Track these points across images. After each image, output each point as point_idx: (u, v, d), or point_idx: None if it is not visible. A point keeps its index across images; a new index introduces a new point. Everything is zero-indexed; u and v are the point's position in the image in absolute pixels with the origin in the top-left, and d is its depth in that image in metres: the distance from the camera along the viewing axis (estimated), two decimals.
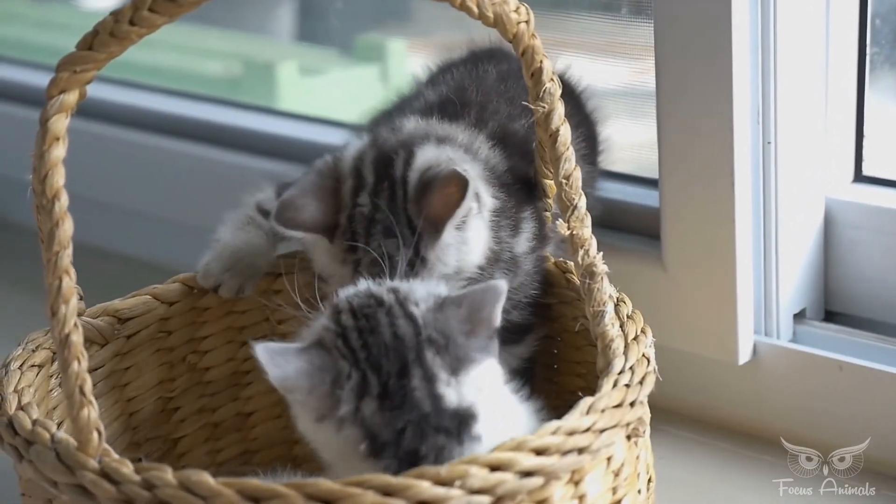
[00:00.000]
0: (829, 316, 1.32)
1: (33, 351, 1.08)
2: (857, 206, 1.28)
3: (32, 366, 1.06)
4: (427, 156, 1.08)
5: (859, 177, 1.31)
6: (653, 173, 1.30)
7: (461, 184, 1.03)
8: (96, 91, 1.75)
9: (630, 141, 1.42)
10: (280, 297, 1.25)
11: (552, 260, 1.17)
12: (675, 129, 1.24)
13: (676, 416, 1.32)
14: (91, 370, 1.12)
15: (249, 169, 1.67)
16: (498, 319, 0.95)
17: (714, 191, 1.22)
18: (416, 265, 1.05)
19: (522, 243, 1.13)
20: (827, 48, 1.25)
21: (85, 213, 1.14)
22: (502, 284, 0.94)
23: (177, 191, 1.75)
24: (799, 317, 1.30)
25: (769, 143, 1.23)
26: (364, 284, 0.98)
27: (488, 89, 1.18)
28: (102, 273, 1.38)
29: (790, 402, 1.26)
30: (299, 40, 2.15)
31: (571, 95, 1.28)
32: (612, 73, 1.42)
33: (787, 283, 1.28)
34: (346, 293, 0.97)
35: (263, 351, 0.91)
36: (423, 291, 0.97)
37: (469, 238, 1.07)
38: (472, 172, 1.06)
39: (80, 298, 1.12)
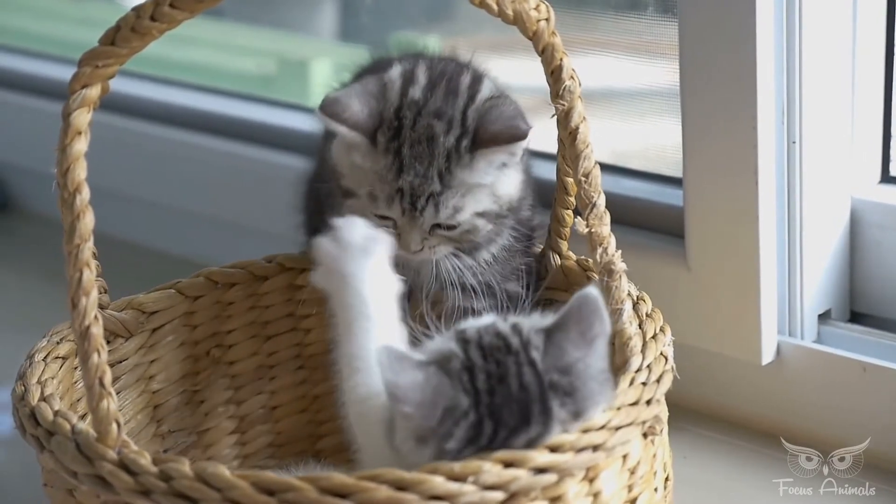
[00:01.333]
0: (855, 317, 1.31)
1: (58, 343, 1.09)
2: (884, 207, 1.27)
3: (56, 357, 1.07)
4: (493, 86, 1.10)
5: (886, 177, 1.30)
6: (677, 172, 1.29)
7: (521, 132, 1.04)
8: (130, 87, 1.79)
9: (655, 141, 1.42)
10: (305, 292, 1.26)
11: (574, 258, 1.17)
12: (700, 128, 1.24)
13: (699, 416, 1.32)
14: (116, 363, 1.15)
15: (280, 166, 1.67)
16: (609, 328, 0.91)
17: (738, 190, 1.22)
18: (453, 159, 1.05)
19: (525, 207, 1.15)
20: (854, 46, 1.24)
21: (114, 208, 1.16)
22: (593, 291, 0.90)
23: (207, 186, 1.76)
24: (824, 317, 1.29)
25: (794, 142, 1.23)
26: (489, 319, 0.94)
27: None
28: (129, 267, 1.39)
29: (813, 402, 1.26)
30: (335, 38, 2.15)
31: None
32: (637, 71, 1.41)
33: (812, 284, 1.27)
34: (474, 325, 0.93)
35: (384, 352, 0.87)
36: (533, 330, 0.92)
37: (508, 172, 1.08)
38: None
39: (105, 292, 1.13)
